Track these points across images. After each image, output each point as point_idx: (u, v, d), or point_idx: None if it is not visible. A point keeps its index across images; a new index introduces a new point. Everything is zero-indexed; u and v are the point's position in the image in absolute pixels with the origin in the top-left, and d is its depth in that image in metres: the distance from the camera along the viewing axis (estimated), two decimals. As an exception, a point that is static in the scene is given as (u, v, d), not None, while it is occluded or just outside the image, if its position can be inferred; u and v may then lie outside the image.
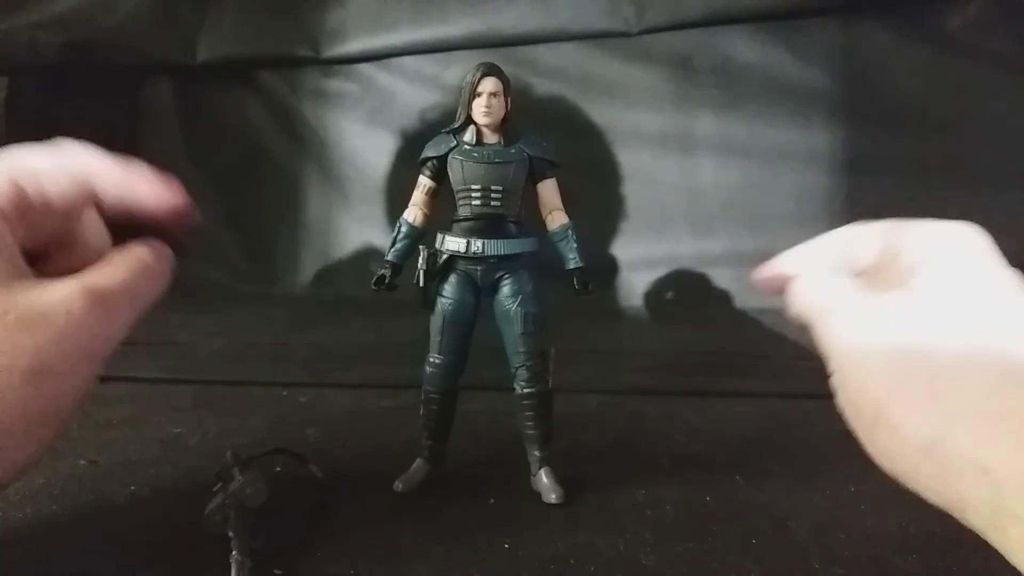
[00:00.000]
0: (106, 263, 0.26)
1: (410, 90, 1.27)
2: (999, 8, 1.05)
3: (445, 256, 0.46)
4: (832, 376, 0.24)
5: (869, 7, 1.11)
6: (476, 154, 0.46)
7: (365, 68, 1.29)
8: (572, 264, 0.47)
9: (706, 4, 1.11)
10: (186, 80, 1.36)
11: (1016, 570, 0.18)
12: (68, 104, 1.33)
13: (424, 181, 0.48)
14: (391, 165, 1.29)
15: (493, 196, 0.46)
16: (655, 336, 1.00)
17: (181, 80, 1.36)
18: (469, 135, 0.46)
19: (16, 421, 0.22)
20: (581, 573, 0.36)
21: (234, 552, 0.35)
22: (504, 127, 0.47)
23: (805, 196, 1.14)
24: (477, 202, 0.46)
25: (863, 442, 0.23)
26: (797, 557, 0.38)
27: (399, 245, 0.47)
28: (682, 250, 1.18)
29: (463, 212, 0.46)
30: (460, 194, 0.46)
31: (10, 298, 0.22)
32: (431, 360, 0.47)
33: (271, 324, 1.06)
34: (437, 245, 0.47)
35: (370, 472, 0.48)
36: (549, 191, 0.48)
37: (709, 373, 0.76)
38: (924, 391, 0.20)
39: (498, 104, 0.46)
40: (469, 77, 0.46)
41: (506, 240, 0.46)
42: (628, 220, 1.21)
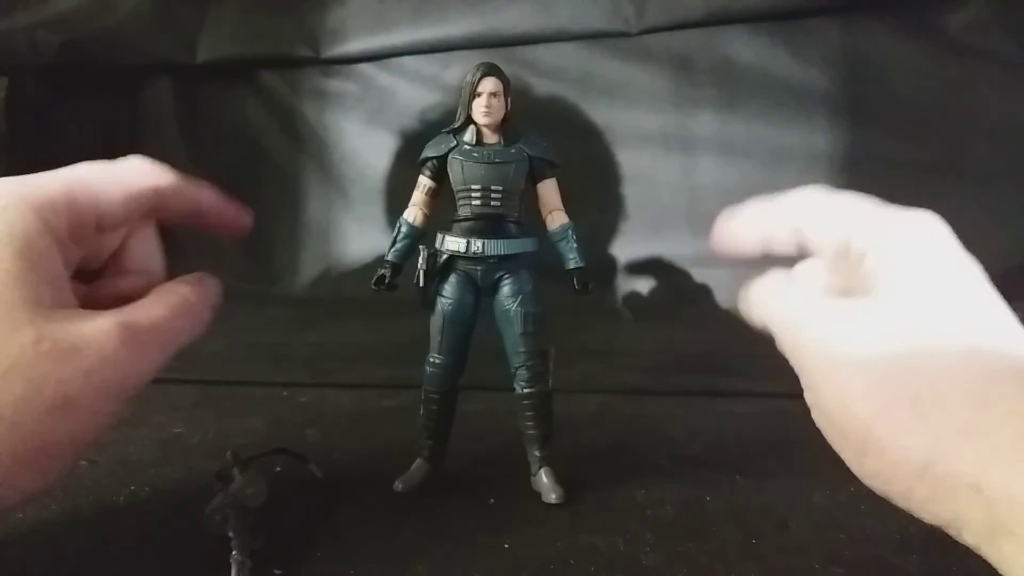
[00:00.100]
0: (148, 299, 0.26)
1: (410, 90, 1.27)
2: (999, 8, 1.05)
3: (445, 256, 0.46)
4: (805, 392, 0.24)
5: (869, 7, 1.10)
6: (476, 154, 0.46)
7: (365, 68, 1.29)
8: (572, 264, 0.47)
9: (706, 4, 1.11)
10: (186, 80, 1.36)
11: None
12: (68, 104, 1.33)
13: (424, 181, 0.48)
14: (391, 165, 1.29)
15: (493, 196, 0.46)
16: (655, 336, 1.00)
17: (181, 80, 1.36)
18: (469, 135, 0.46)
19: (32, 452, 0.21)
20: (581, 573, 0.36)
21: (234, 552, 0.35)
22: (504, 127, 0.47)
23: (805, 196, 1.13)
24: (477, 202, 0.46)
25: (851, 466, 0.22)
26: (797, 557, 0.38)
27: (399, 245, 0.47)
28: (682, 250, 1.18)
29: (463, 212, 0.46)
30: (460, 194, 0.46)
31: (46, 326, 0.22)
32: (431, 360, 0.47)
33: (271, 324, 1.06)
34: (437, 245, 0.47)
35: (370, 472, 0.48)
36: (549, 191, 0.48)
37: (709, 373, 0.76)
38: (909, 411, 0.20)
39: (498, 104, 0.46)
40: (469, 77, 0.46)
41: (506, 240, 0.46)
42: (628, 220, 1.21)
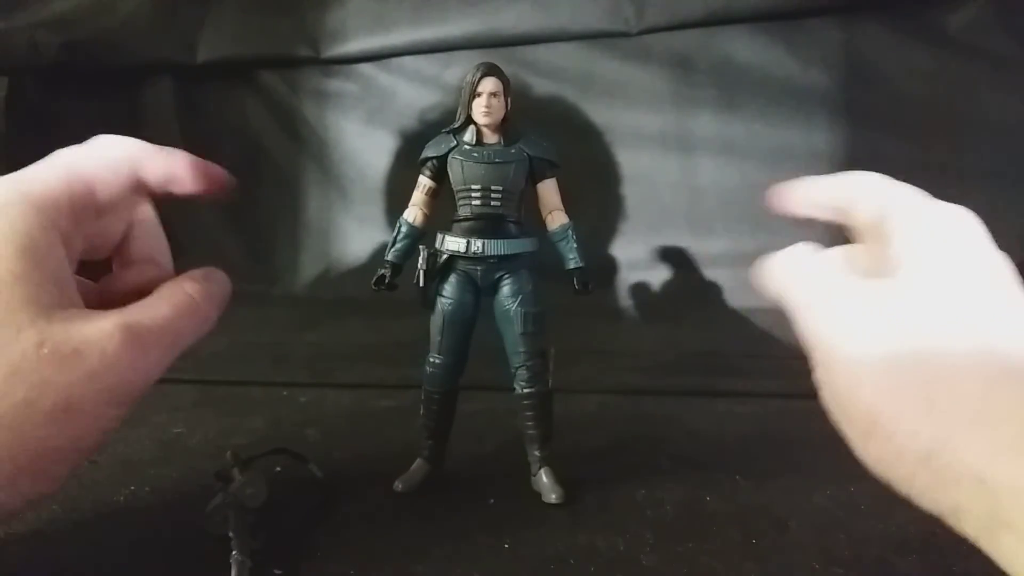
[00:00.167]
0: (152, 298, 0.26)
1: (410, 90, 1.27)
2: (999, 8, 1.05)
3: (445, 256, 0.46)
4: (815, 372, 0.24)
5: (869, 7, 1.10)
6: (476, 154, 0.46)
7: (365, 68, 1.29)
8: (572, 264, 0.47)
9: (706, 4, 1.11)
10: (186, 80, 1.36)
11: None
12: (68, 104, 1.33)
13: (424, 181, 0.48)
14: (391, 165, 1.29)
15: (493, 196, 0.46)
16: (655, 336, 1.00)
17: (181, 80, 1.36)
18: (469, 135, 0.46)
19: (33, 458, 0.21)
20: (581, 573, 0.36)
21: (234, 552, 0.35)
22: (504, 127, 0.47)
23: (805, 196, 1.13)
24: (477, 202, 0.46)
25: (855, 448, 0.22)
26: (797, 557, 0.38)
27: (399, 245, 0.47)
28: (682, 250, 1.18)
29: (463, 212, 0.46)
30: (460, 194, 0.46)
31: (48, 328, 0.21)
32: (431, 360, 0.47)
33: (271, 324, 1.06)
34: (437, 245, 0.47)
35: (370, 472, 0.48)
36: (549, 191, 0.48)
37: (709, 373, 0.76)
38: (920, 398, 0.20)
39: (498, 104, 0.46)
40: (469, 77, 0.46)
41: (506, 240, 0.46)
42: (628, 220, 1.21)
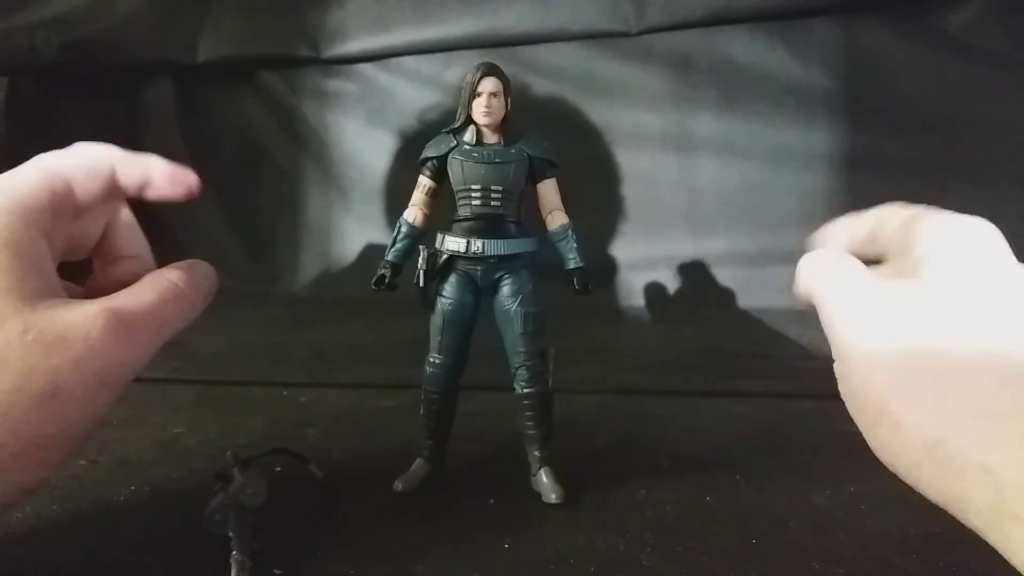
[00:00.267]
0: (137, 285, 0.26)
1: (410, 90, 1.27)
2: (999, 8, 1.05)
3: (445, 256, 0.46)
4: (835, 365, 0.24)
5: (869, 7, 1.10)
6: (476, 154, 0.46)
7: (365, 68, 1.29)
8: (572, 264, 0.47)
9: (706, 4, 1.11)
10: (186, 80, 1.36)
11: (1016, 571, 0.18)
12: (68, 104, 1.33)
13: (424, 181, 0.48)
14: (391, 165, 1.29)
15: (493, 196, 0.45)
16: (655, 336, 1.00)
17: (181, 80, 1.36)
18: (469, 135, 0.46)
19: (24, 445, 0.21)
20: (581, 573, 0.36)
21: (234, 552, 0.35)
22: (504, 127, 0.47)
23: (805, 196, 1.13)
24: (477, 202, 0.46)
25: (865, 436, 0.22)
26: (797, 557, 0.38)
27: (399, 245, 0.47)
28: (682, 250, 1.18)
29: (463, 212, 0.46)
30: (460, 194, 0.46)
31: (32, 316, 0.22)
32: (431, 360, 0.47)
33: (271, 324, 1.06)
34: (437, 245, 0.47)
35: (370, 472, 0.48)
36: (549, 191, 0.48)
37: (709, 373, 0.76)
38: (930, 389, 0.20)
39: (498, 104, 0.45)
40: (469, 77, 0.46)
41: (506, 240, 0.46)
42: (628, 220, 1.21)
